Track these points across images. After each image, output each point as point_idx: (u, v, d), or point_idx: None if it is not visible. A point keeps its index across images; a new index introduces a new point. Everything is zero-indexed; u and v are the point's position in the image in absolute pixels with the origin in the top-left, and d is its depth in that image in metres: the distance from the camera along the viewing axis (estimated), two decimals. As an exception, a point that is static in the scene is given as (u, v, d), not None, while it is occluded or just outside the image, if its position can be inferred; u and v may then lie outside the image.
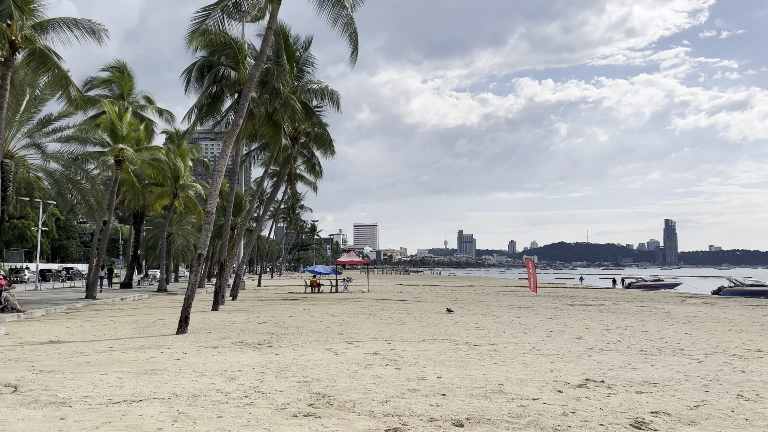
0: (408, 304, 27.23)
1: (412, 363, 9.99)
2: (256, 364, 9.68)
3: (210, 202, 14.77)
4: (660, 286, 63.92)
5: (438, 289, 47.17)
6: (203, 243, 14.63)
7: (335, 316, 19.42)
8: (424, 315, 20.50)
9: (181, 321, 14.23)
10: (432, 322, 17.72)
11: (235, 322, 17.46)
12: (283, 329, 15.32)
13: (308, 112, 26.61)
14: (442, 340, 13.35)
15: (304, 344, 12.38)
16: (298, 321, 17.74)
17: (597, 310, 25.16)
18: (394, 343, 12.62)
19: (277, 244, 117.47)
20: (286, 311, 21.83)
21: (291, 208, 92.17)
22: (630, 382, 8.66)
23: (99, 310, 22.62)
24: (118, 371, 8.97)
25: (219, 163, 15.10)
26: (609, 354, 11.62)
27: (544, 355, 11.23)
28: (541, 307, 26.44)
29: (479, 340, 13.60)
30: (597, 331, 16.07)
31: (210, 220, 14.70)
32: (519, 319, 19.81)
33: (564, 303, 30.32)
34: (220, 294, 25.93)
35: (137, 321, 17.69)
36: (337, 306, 25.04)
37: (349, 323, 17.14)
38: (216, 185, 14.85)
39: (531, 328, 16.50)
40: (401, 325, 16.71)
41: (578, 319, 20.19)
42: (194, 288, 14.42)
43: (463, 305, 27.00)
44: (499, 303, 29.38)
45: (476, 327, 16.62)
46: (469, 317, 20.03)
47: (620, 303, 31.28)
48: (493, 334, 14.96)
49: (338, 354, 10.91)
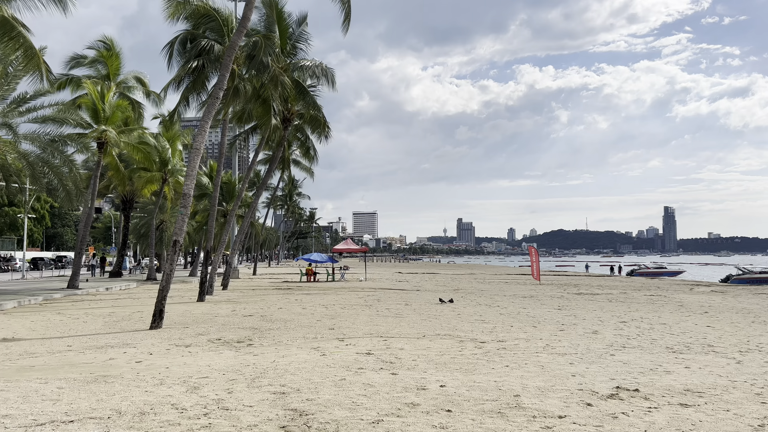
0: (407, 293, 25.89)
1: (410, 366, 8.61)
2: (229, 369, 8.30)
3: (187, 183, 13.33)
4: (663, 274, 62.82)
5: (438, 278, 45.83)
6: (179, 228, 13.21)
7: (328, 308, 18.06)
8: (424, 306, 19.14)
9: (155, 315, 12.86)
10: (432, 315, 16.36)
11: (218, 314, 16.09)
12: (269, 323, 13.94)
13: (301, 90, 25.06)
14: (445, 336, 11.98)
15: (289, 342, 11.00)
16: (287, 313, 16.37)
17: (606, 300, 23.85)
18: (390, 341, 11.24)
19: (275, 232, 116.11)
20: (277, 302, 20.47)
21: (288, 194, 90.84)
22: (669, 390, 7.30)
23: (77, 301, 21.25)
24: (62, 378, 7.59)
25: (197, 141, 13.65)
26: (633, 352, 10.27)
27: (561, 355, 9.87)
28: (547, 297, 25.13)
29: (486, 335, 12.24)
30: (612, 324, 14.74)
31: (187, 203, 13.27)
32: (526, 310, 18.47)
33: (569, 292, 29.01)
34: (208, 284, 24.56)
35: (113, 314, 16.31)
36: (331, 296, 23.69)
37: (343, 316, 15.77)
38: (193, 165, 13.41)
39: (540, 321, 15.16)
40: (399, 318, 15.35)
41: (588, 310, 18.87)
42: (170, 278, 13.03)
43: (465, 295, 25.66)
44: (502, 292, 28.05)
45: (481, 320, 15.26)
46: (473, 308, 18.68)
47: (628, 292, 29.97)
48: (500, 328, 13.60)
49: (326, 355, 9.53)
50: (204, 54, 20.27)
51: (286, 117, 29.11)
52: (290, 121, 29.34)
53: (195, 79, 20.78)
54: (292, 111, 29.04)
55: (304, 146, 33.31)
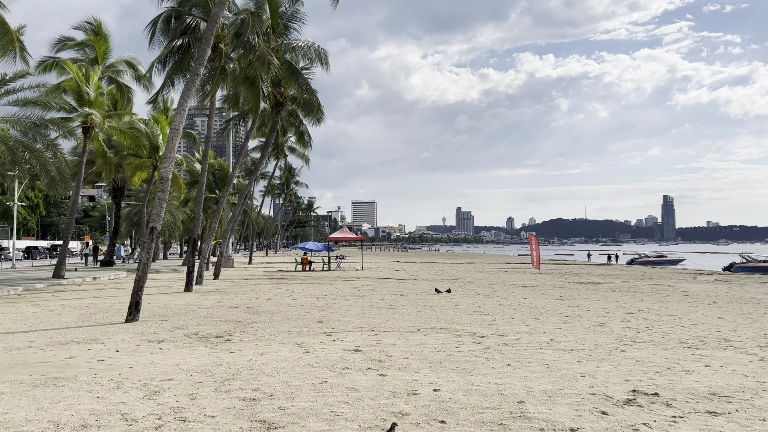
0: (403, 283, 25.05)
1: (401, 365, 7.75)
2: (199, 369, 7.43)
3: (165, 166, 12.40)
4: (663, 263, 62.09)
5: (436, 267, 45.02)
6: (156, 215, 12.30)
7: (319, 299, 17.20)
8: (420, 297, 18.29)
9: (131, 307, 11.98)
10: (429, 306, 15.52)
11: (203, 306, 15.23)
12: (254, 316, 13.08)
13: (293, 72, 24.04)
14: (441, 330, 11.13)
15: (271, 337, 10.14)
16: (275, 305, 15.51)
17: (608, 289, 23.04)
18: (382, 335, 10.39)
19: (273, 221, 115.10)
20: (267, 292, 19.62)
21: (285, 183, 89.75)
22: (692, 394, 6.45)
23: (59, 291, 20.39)
24: (8, 381, 6.72)
25: (175, 120, 12.70)
26: (645, 348, 9.43)
27: (567, 351, 9.02)
28: (548, 286, 24.32)
29: (485, 329, 11.39)
30: (618, 316, 13.92)
31: (164, 188, 12.36)
32: (526, 300, 17.64)
33: (570, 281, 28.21)
34: (198, 273, 23.68)
35: (92, 305, 15.45)
36: (325, 286, 22.84)
37: (334, 307, 14.92)
38: (172, 146, 12.48)
39: (542, 313, 14.32)
40: (393, 310, 14.50)
41: (591, 300, 18.05)
42: (146, 268, 12.14)
43: (463, 284, 24.84)
44: (501, 281, 27.23)
45: (480, 311, 14.42)
46: (471, 299, 17.84)
47: (630, 281, 29.19)
48: (501, 320, 12.76)
49: (309, 352, 8.66)
50: (189, 32, 19.28)
51: (278, 101, 28.13)
52: (283, 105, 28.35)
53: (180, 59, 19.78)
54: (285, 95, 28.05)
55: (298, 131, 32.29)
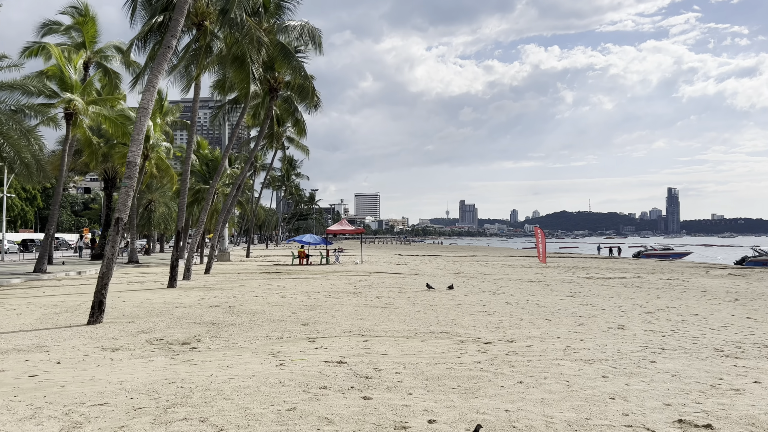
0: (403, 278, 23.73)
1: (391, 384, 6.42)
2: (145, 388, 6.13)
3: (132, 149, 11.05)
4: (670, 255, 60.83)
5: (439, 260, 43.70)
6: (122, 204, 10.96)
7: (310, 296, 15.88)
8: (420, 293, 16.97)
9: (94, 307, 10.69)
10: (429, 304, 14.20)
11: (181, 304, 13.94)
12: (233, 317, 11.78)
13: (286, 54, 22.64)
14: (441, 335, 9.81)
15: (245, 344, 8.83)
16: (260, 303, 14.20)
17: (620, 285, 21.72)
18: (373, 341, 9.08)
19: (274, 213, 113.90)
20: (256, 289, 18.32)
21: (286, 174, 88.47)
22: (753, 425, 5.13)
23: (34, 287, 19.14)
24: None
25: (144, 99, 11.37)
26: (677, 357, 8.11)
27: (588, 362, 7.70)
28: (556, 281, 23.00)
29: (491, 333, 10.07)
30: (637, 316, 12.60)
31: (131, 174, 11.02)
32: (535, 298, 16.31)
33: (579, 275, 26.87)
34: (186, 267, 22.41)
35: (60, 304, 14.17)
36: (320, 281, 21.54)
37: (324, 306, 13.60)
38: (140, 127, 11.14)
39: (554, 312, 13.00)
40: (389, 309, 13.18)
41: (604, 297, 16.73)
42: (111, 262, 10.83)
43: (467, 279, 23.52)
44: (506, 276, 25.90)
45: (484, 311, 13.10)
46: (475, 296, 16.52)
47: (641, 275, 27.85)
48: (508, 322, 11.43)
49: (284, 364, 7.34)
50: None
51: (272, 86, 26.78)
52: (277, 90, 27.00)
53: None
54: (279, 79, 26.70)
55: (292, 117, 30.94)
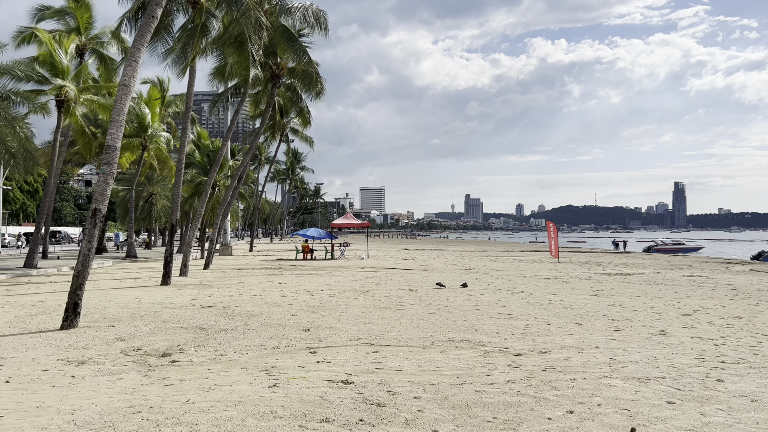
0: (412, 275, 22.45)
1: (410, 415, 5.13)
2: (98, 420, 4.86)
3: (111, 131, 9.76)
4: (681, 250, 59.50)
5: (447, 255, 42.40)
6: (100, 193, 9.71)
7: (313, 295, 14.62)
8: (432, 292, 15.68)
9: (68, 310, 9.46)
10: (443, 305, 12.91)
11: (171, 305, 12.70)
12: (226, 320, 10.52)
13: (289, 37, 21.32)
14: (462, 344, 8.53)
15: (234, 356, 7.57)
16: (258, 304, 12.94)
17: (642, 282, 20.41)
18: (384, 352, 7.81)
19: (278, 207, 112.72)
20: (255, 286, 17.07)
21: (290, 167, 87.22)
22: None
23: (19, 284, 17.95)
24: None
25: (125, 74, 10.06)
26: (746, 374, 6.81)
27: (643, 381, 6.42)
28: (573, 278, 21.70)
29: (518, 341, 8.79)
30: (675, 319, 11.32)
31: (110, 160, 9.74)
32: (556, 297, 15.03)
33: (595, 271, 25.55)
34: (183, 263, 21.21)
35: (40, 304, 12.95)
36: (323, 278, 20.29)
37: (328, 307, 12.33)
38: (120, 107, 9.84)
39: (582, 315, 11.71)
40: (400, 311, 11.90)
41: (630, 296, 15.44)
42: (87, 259, 9.59)
43: (479, 276, 22.24)
44: (520, 272, 24.59)
45: (506, 313, 11.81)
46: (491, 295, 15.23)
47: (660, 271, 26.54)
48: (535, 326, 10.15)
49: (279, 384, 6.08)
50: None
51: (274, 73, 25.49)
52: (279, 77, 25.71)
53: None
54: (282, 66, 25.40)
55: (297, 107, 29.62)
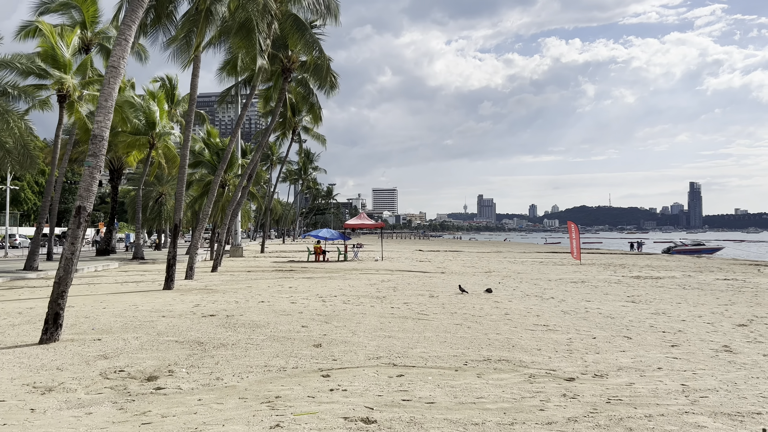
0: (430, 278, 21.20)
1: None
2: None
3: (98, 118, 8.61)
4: (702, 251, 57.73)
5: (463, 257, 41.08)
6: (85, 188, 8.54)
7: (326, 302, 13.41)
8: (455, 299, 14.41)
9: (48, 322, 8.33)
10: (470, 314, 11.65)
11: (170, 313, 11.54)
12: (228, 332, 9.32)
13: (299, 26, 20.17)
14: (500, 363, 7.27)
15: (233, 379, 6.36)
16: (265, 312, 11.75)
17: (676, 286, 19.03)
18: (409, 375, 6.57)
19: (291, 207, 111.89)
20: (264, 291, 15.90)
21: (303, 167, 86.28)
22: None
23: (12, 288, 16.90)
24: None
25: (114, 53, 8.83)
26: None
27: (737, 419, 5.14)
28: (601, 282, 20.35)
29: (565, 360, 7.51)
30: (732, 331, 10.00)
31: (96, 151, 8.56)
32: (591, 303, 13.72)
33: (623, 275, 24.14)
34: (189, 266, 20.10)
35: (28, 311, 11.85)
36: (336, 282, 19.08)
37: (342, 317, 11.11)
38: (109, 90, 8.63)
39: (626, 325, 10.41)
40: (422, 321, 10.65)
41: (670, 303, 14.10)
42: (69, 264, 8.45)
43: (502, 279, 20.94)
44: (544, 275, 23.26)
45: (542, 324, 10.53)
46: (520, 302, 13.94)
47: (691, 274, 25.09)
48: (579, 340, 8.87)
49: (283, 425, 4.85)
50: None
51: (285, 66, 24.39)
52: (290, 71, 24.60)
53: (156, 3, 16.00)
54: (293, 59, 24.30)
55: (308, 103, 28.47)
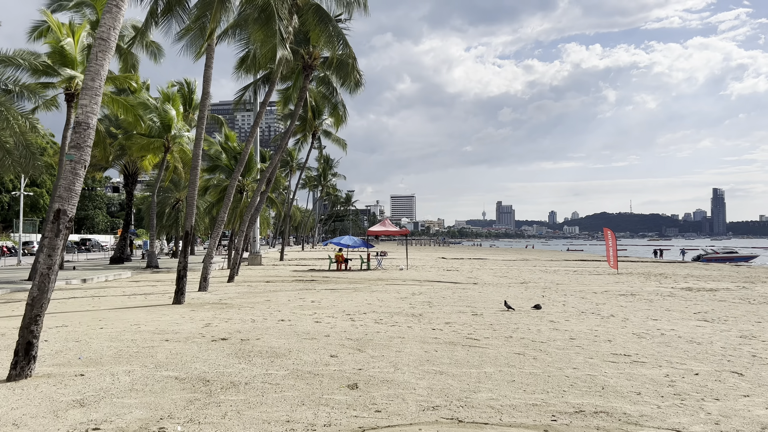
0: (465, 290, 19.37)
1: None
2: None
3: (83, 103, 6.90)
4: (735, 259, 55.23)
5: (490, 265, 39.13)
6: (66, 187, 6.89)
7: (355, 321, 11.65)
8: (503, 318, 12.55)
9: (18, 353, 6.70)
10: (528, 339, 9.81)
11: (176, 336, 9.86)
12: (241, 365, 7.61)
13: (322, 18, 18.56)
14: (597, 418, 5.45)
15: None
16: (286, 334, 10.03)
17: (740, 300, 17.06)
18: (487, 441, 4.81)
19: (310, 214, 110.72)
20: (284, 306, 14.20)
21: (322, 174, 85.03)
22: None
23: (11, 301, 15.38)
24: None
25: (104, 22, 6.98)
26: None
27: None
28: (653, 295, 18.39)
29: (681, 412, 5.67)
30: None
31: (81, 142, 6.87)
32: (659, 323, 11.84)
33: (672, 286, 22.11)
34: (202, 277, 18.51)
35: (12, 332, 10.27)
36: (363, 294, 17.34)
37: (377, 342, 9.34)
38: (96, 68, 6.99)
39: (723, 355, 8.54)
40: (476, 349, 8.85)
41: (749, 322, 12.22)
42: (45, 279, 6.79)
43: (542, 291, 19.05)
44: (586, 286, 21.32)
45: (622, 353, 8.67)
46: (578, 321, 12.07)
47: (746, 285, 23.08)
48: (680, 378, 7.01)
49: None
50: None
51: (307, 63, 22.82)
52: (312, 68, 23.03)
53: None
54: (315, 55, 22.72)
55: (331, 104, 26.87)
